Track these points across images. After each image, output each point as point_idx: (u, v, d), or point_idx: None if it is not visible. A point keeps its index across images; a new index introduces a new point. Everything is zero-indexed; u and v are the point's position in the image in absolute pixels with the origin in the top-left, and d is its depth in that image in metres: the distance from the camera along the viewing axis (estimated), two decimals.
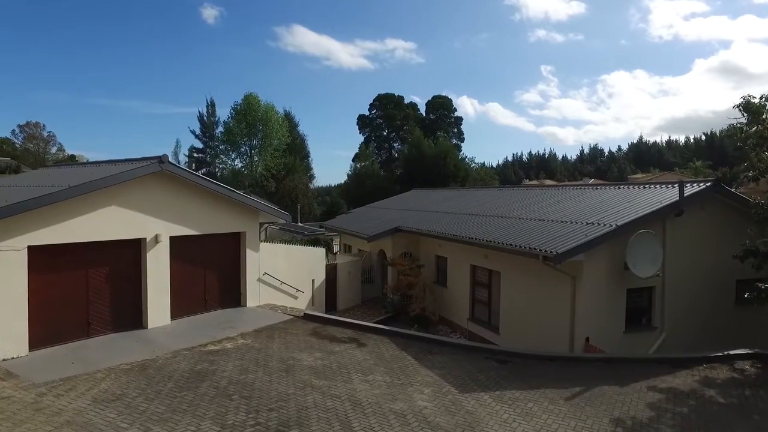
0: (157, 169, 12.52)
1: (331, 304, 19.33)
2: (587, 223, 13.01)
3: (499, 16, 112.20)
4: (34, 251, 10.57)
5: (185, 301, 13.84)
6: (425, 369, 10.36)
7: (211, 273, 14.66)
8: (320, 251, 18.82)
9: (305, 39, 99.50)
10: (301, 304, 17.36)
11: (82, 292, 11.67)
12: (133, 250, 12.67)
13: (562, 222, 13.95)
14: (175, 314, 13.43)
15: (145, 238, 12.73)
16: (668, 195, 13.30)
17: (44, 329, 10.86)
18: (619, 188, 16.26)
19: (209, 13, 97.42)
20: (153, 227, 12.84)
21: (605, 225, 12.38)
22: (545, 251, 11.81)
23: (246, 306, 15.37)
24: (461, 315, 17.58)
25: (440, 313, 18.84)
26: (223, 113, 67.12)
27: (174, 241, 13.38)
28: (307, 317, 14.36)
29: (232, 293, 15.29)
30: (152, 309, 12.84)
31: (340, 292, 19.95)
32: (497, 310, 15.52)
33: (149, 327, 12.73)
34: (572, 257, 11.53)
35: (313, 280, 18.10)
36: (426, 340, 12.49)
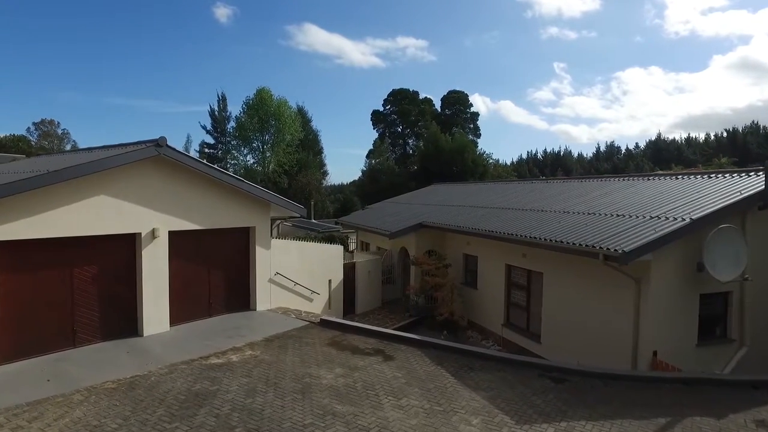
0: (154, 153, 10.90)
1: (349, 307, 17.63)
2: (651, 217, 11.14)
3: (511, 13, 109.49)
4: (5, 247, 9.01)
5: (186, 304, 12.23)
6: (469, 390, 8.59)
7: (216, 273, 13.04)
8: (338, 249, 17.12)
9: (317, 38, 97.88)
10: (317, 307, 15.69)
11: (66, 294, 10.10)
12: (126, 247, 11.08)
13: (617, 216, 12.09)
14: (174, 320, 11.82)
15: (140, 233, 11.12)
16: (746, 184, 11.37)
17: (18, 339, 9.31)
18: (677, 179, 14.32)
19: (222, 12, 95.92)
20: (149, 220, 11.24)
21: (674, 219, 10.50)
22: (607, 249, 9.96)
23: (255, 310, 13.72)
24: (494, 320, 15.78)
25: (469, 317, 17.12)
26: (234, 111, 65.25)
27: (174, 236, 11.77)
28: (324, 323, 12.67)
29: (239, 296, 13.65)
30: (148, 314, 11.24)
31: (359, 294, 18.23)
32: (538, 315, 13.71)
33: (144, 335, 11.13)
34: (641, 256, 9.68)
35: (329, 281, 16.41)
36: (463, 352, 10.71)
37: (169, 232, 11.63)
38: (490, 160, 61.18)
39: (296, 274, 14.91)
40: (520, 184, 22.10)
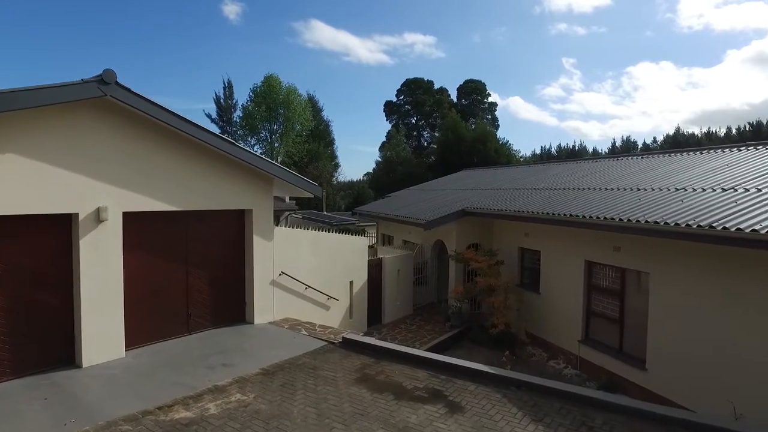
0: (96, 93, 7.20)
1: (374, 316, 13.91)
2: None
3: (519, 9, 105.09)
4: None
5: (152, 317, 8.59)
6: None
7: (197, 272, 9.38)
8: (361, 241, 13.39)
9: (323, 35, 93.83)
10: (335, 317, 12.02)
11: None
12: (54, 235, 7.43)
13: None
14: (132, 341, 8.19)
15: (77, 214, 7.48)
16: None
17: None
18: None
19: (230, 10, 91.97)
20: (92, 196, 7.59)
21: None
22: None
23: (253, 323, 10.07)
24: (566, 334, 12.03)
25: (527, 329, 13.42)
26: (241, 102, 61.49)
27: (132, 220, 8.13)
28: (348, 344, 8.97)
29: (231, 304, 10.00)
30: (90, 334, 7.59)
31: (386, 299, 14.48)
32: (640, 331, 9.94)
33: (84, 365, 7.49)
34: None
35: (351, 282, 12.69)
36: (568, 396, 6.91)
37: (124, 213, 7.98)
38: (513, 150, 57.20)
39: (308, 273, 11.23)
40: (578, 164, 18.20)
